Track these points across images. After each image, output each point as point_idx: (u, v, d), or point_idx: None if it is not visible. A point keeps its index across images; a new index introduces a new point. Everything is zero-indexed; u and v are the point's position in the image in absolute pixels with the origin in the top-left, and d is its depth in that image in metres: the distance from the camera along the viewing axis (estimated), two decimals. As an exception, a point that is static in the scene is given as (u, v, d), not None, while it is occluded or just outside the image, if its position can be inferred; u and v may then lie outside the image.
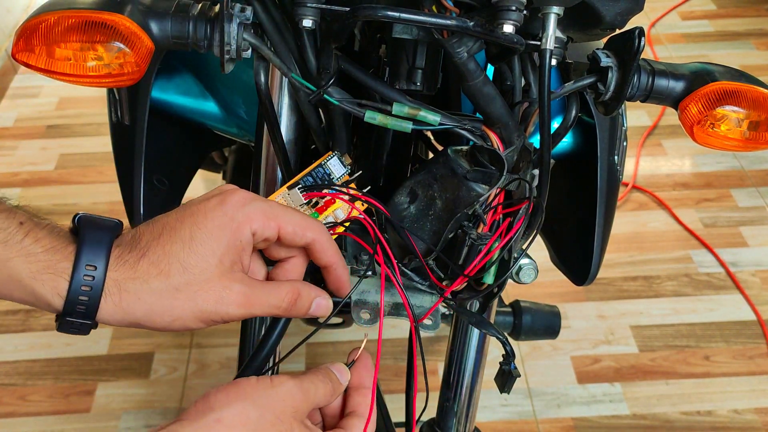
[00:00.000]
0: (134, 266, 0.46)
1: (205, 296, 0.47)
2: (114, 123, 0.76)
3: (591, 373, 1.58)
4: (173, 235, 0.47)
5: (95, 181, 2.09)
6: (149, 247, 0.47)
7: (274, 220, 0.48)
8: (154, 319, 0.47)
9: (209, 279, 0.47)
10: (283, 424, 0.46)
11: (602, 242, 0.73)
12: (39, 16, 0.48)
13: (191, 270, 0.46)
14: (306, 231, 0.49)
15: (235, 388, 0.46)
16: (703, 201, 1.99)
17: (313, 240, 0.50)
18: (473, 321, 0.61)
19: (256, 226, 0.48)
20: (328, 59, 0.53)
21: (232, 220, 0.47)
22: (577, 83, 0.55)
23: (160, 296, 0.46)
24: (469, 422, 0.78)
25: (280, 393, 0.46)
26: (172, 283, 0.46)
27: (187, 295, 0.46)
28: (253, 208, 0.48)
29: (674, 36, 2.67)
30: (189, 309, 0.47)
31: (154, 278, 0.46)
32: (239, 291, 0.48)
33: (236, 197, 0.48)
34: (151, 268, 0.46)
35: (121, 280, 0.46)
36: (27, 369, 1.60)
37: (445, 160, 0.54)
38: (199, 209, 0.48)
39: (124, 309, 0.46)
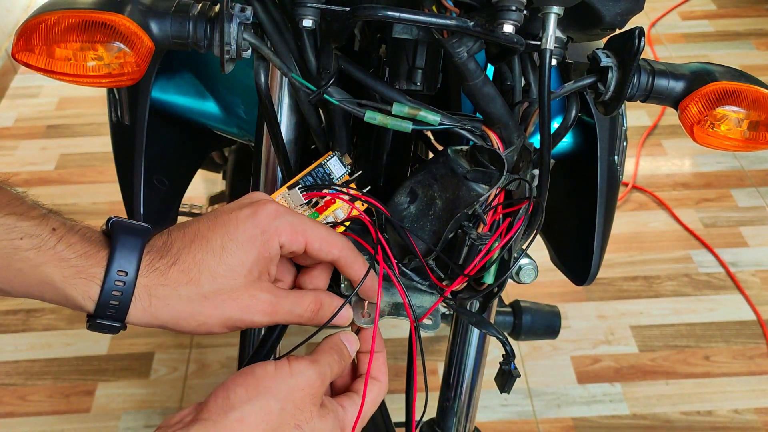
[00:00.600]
0: (165, 273, 0.47)
1: (232, 304, 0.48)
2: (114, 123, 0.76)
3: (591, 373, 1.58)
4: (204, 243, 0.48)
5: (95, 181, 2.09)
6: (180, 254, 0.48)
7: (302, 234, 0.49)
8: (180, 323, 0.48)
9: (237, 288, 0.48)
10: (303, 414, 0.46)
11: (602, 242, 0.73)
12: (39, 16, 0.48)
13: (220, 279, 0.48)
14: (332, 248, 0.51)
15: (254, 381, 0.46)
16: (703, 201, 1.99)
17: (339, 257, 0.51)
18: (473, 321, 0.61)
19: (285, 239, 0.49)
20: (328, 59, 0.53)
21: (263, 232, 0.48)
22: (577, 83, 0.55)
23: (188, 303, 0.47)
24: (469, 422, 0.78)
25: (299, 383, 0.47)
26: (201, 290, 0.47)
27: (215, 303, 0.48)
28: (283, 221, 0.49)
29: (674, 36, 2.67)
30: (216, 316, 0.48)
31: (184, 286, 0.47)
32: (265, 300, 0.49)
33: (268, 209, 0.49)
34: (182, 276, 0.47)
35: (151, 286, 0.46)
36: (27, 369, 1.60)
37: (445, 160, 0.54)
38: (231, 219, 0.49)
39: (153, 313, 0.47)
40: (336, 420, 0.48)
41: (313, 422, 0.47)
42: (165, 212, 0.78)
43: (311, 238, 0.50)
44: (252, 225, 0.49)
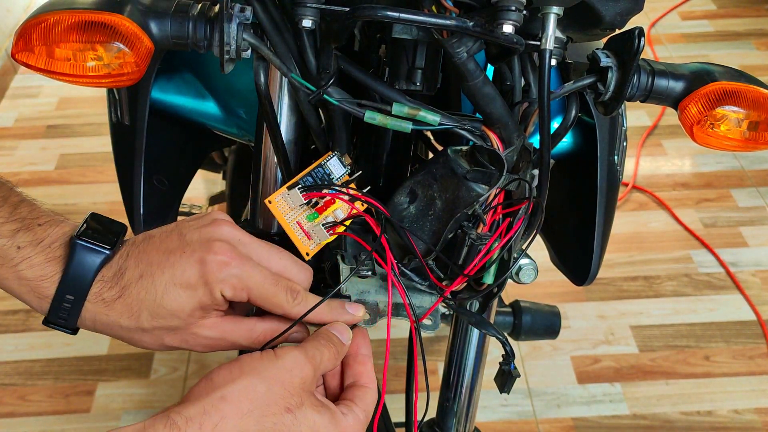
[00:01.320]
0: (110, 305, 0.50)
1: (171, 338, 0.51)
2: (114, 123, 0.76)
3: (591, 373, 1.58)
4: (149, 283, 0.50)
5: (95, 181, 2.09)
6: (126, 289, 0.50)
7: (245, 291, 0.50)
8: (123, 340, 0.52)
9: (176, 327, 0.51)
10: (293, 398, 0.45)
11: (602, 242, 0.73)
12: (39, 16, 0.48)
13: (159, 319, 0.50)
14: (275, 309, 0.51)
15: (238, 364, 0.46)
16: (703, 201, 1.99)
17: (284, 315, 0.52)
18: (473, 321, 0.61)
19: (228, 293, 0.50)
20: (328, 59, 0.53)
21: (206, 284, 0.49)
22: (577, 83, 0.55)
23: (128, 332, 0.51)
24: (469, 422, 0.78)
25: (286, 364, 0.46)
26: (140, 325, 0.50)
27: (153, 336, 0.51)
28: (228, 275, 0.50)
29: (674, 36, 2.67)
30: (156, 345, 0.52)
31: (126, 319, 0.50)
32: (207, 336, 0.52)
33: (217, 259, 0.49)
34: (124, 310, 0.50)
35: (96, 312, 0.50)
36: (27, 369, 1.60)
37: (445, 160, 0.54)
38: (181, 260, 0.50)
39: (98, 328, 0.51)
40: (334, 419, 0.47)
41: (306, 411, 0.45)
42: (165, 212, 0.78)
43: (254, 297, 0.50)
44: (197, 275, 0.49)
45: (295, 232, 0.54)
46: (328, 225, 0.54)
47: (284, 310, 0.51)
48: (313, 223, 0.55)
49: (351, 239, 0.58)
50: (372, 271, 0.59)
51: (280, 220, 0.55)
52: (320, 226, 0.54)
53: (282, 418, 0.44)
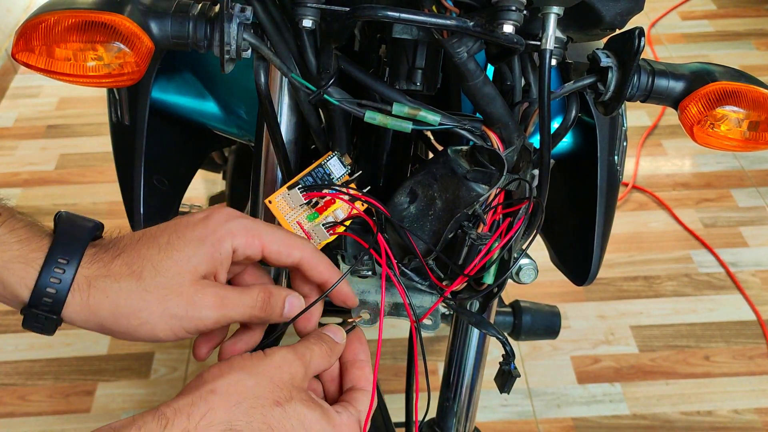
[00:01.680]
0: (107, 265, 0.46)
1: (176, 300, 0.46)
2: (114, 123, 0.76)
3: (591, 373, 1.58)
4: (151, 240, 0.47)
5: (95, 181, 2.09)
6: (125, 249, 0.47)
7: (258, 238, 0.48)
8: (120, 321, 0.45)
9: (181, 284, 0.46)
10: (282, 391, 0.45)
11: (602, 242, 0.73)
12: (39, 16, 0.48)
13: (164, 273, 0.46)
14: (292, 249, 0.49)
15: (228, 362, 0.46)
16: (703, 201, 1.99)
17: (301, 259, 0.49)
18: (473, 321, 0.61)
19: (238, 242, 0.48)
20: (328, 59, 0.53)
21: (213, 232, 0.47)
22: (577, 83, 0.55)
23: (128, 296, 0.45)
24: (469, 422, 0.78)
25: (274, 360, 0.46)
26: (143, 284, 0.45)
27: (157, 298, 0.45)
28: (236, 224, 0.48)
29: (674, 36, 2.67)
30: (158, 313, 0.46)
31: (126, 278, 0.45)
32: (212, 293, 0.47)
33: (221, 213, 0.48)
34: (124, 269, 0.46)
35: (92, 276, 0.45)
36: (27, 369, 1.60)
37: (445, 160, 0.54)
38: (182, 221, 0.48)
39: (91, 307, 0.45)
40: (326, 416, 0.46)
41: (296, 405, 0.45)
42: (165, 212, 0.78)
43: (268, 241, 0.48)
44: (202, 226, 0.47)
45: (295, 231, 0.54)
46: (328, 225, 0.54)
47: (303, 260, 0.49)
48: (314, 223, 0.55)
49: (351, 239, 0.58)
50: (372, 271, 0.59)
51: (281, 220, 0.55)
52: (320, 226, 0.54)
53: (271, 411, 0.43)
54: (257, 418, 0.43)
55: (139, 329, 0.46)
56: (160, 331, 0.46)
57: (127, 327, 0.46)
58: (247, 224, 0.48)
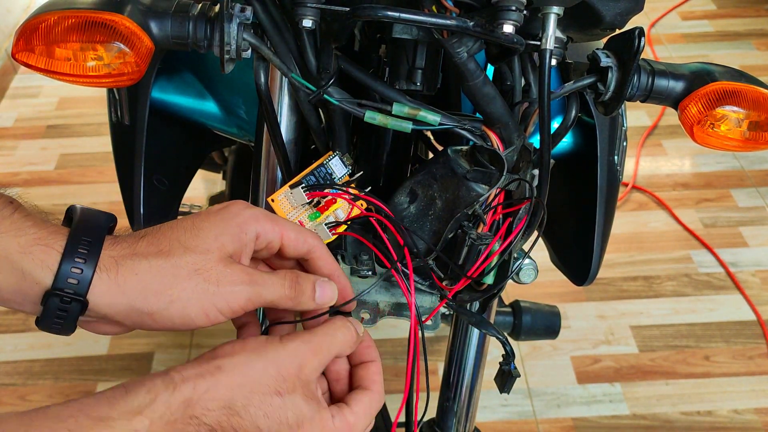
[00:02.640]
0: (132, 245, 0.44)
1: (207, 275, 0.44)
2: (114, 123, 0.76)
3: (591, 373, 1.58)
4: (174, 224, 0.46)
5: (95, 181, 2.09)
6: (148, 232, 0.46)
7: (277, 224, 0.48)
8: (150, 299, 0.44)
9: (210, 260, 0.45)
10: (286, 383, 0.44)
11: (602, 242, 0.73)
12: (39, 16, 0.48)
13: (192, 250, 0.45)
14: (307, 236, 0.49)
15: (242, 342, 0.45)
16: (703, 201, 1.99)
17: (314, 247, 0.50)
18: (473, 321, 0.61)
19: (261, 228, 0.48)
20: (328, 59, 0.53)
21: (236, 215, 0.47)
22: (577, 83, 0.55)
23: (159, 271, 0.44)
24: (469, 422, 0.78)
25: (287, 349, 0.45)
26: (171, 260, 0.44)
27: (188, 273, 0.44)
28: (257, 211, 0.48)
29: (674, 36, 2.67)
30: (189, 289, 0.44)
31: (154, 256, 0.44)
32: (241, 269, 0.46)
33: (240, 203, 0.49)
34: (151, 248, 0.44)
35: (118, 256, 0.44)
36: (27, 369, 1.60)
37: (445, 160, 0.54)
38: (202, 212, 0.48)
39: (120, 285, 0.43)
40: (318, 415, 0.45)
41: (296, 398, 0.44)
42: (165, 212, 0.78)
43: (286, 229, 0.49)
44: (225, 211, 0.48)
45: (295, 231, 0.54)
46: (330, 225, 0.54)
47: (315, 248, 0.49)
48: (315, 222, 0.55)
49: (351, 239, 0.58)
50: (372, 271, 0.59)
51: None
52: (322, 225, 0.54)
53: (270, 399, 0.43)
54: (255, 403, 0.43)
55: (171, 307, 0.44)
56: (192, 309, 0.44)
57: (158, 306, 0.44)
58: (267, 213, 0.49)
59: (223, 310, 0.45)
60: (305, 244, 0.49)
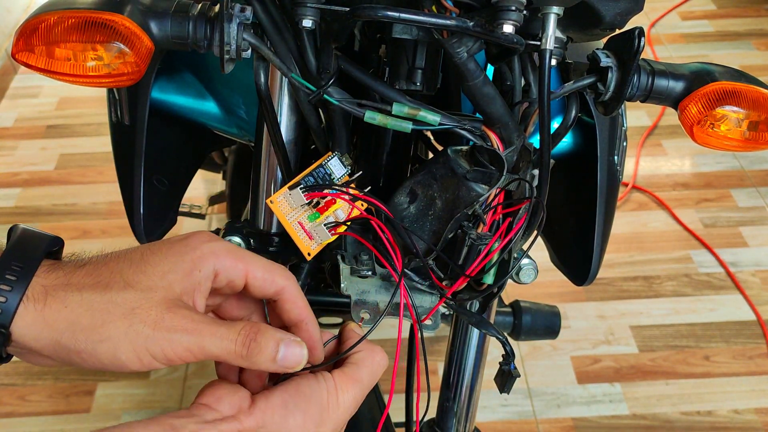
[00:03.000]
0: (69, 274, 0.41)
1: (145, 316, 0.40)
2: (114, 123, 0.76)
3: (591, 373, 1.58)
4: (122, 255, 0.43)
5: (95, 181, 2.09)
6: (91, 261, 0.42)
7: (242, 261, 0.44)
8: (78, 336, 0.39)
9: (152, 299, 0.41)
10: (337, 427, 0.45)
11: (602, 242, 0.73)
12: (39, 16, 0.48)
13: (135, 286, 0.41)
14: (276, 276, 0.45)
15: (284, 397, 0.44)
16: (703, 201, 1.99)
17: (283, 288, 0.46)
18: (473, 321, 0.61)
19: (221, 264, 0.43)
20: (328, 59, 0.53)
21: (194, 249, 0.43)
22: (577, 83, 0.55)
23: (90, 307, 0.40)
24: (469, 422, 0.78)
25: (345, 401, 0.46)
26: (108, 296, 0.40)
27: (124, 311, 0.40)
28: (220, 245, 0.44)
29: (674, 36, 2.67)
30: (122, 329, 0.40)
31: (89, 288, 0.40)
32: (185, 315, 0.41)
33: (203, 234, 0.45)
34: (88, 278, 0.41)
35: (50, 286, 0.40)
36: (27, 369, 1.60)
37: (445, 160, 0.54)
38: (160, 242, 0.44)
39: (46, 318, 0.39)
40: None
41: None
42: (165, 212, 0.78)
43: (252, 266, 0.44)
44: (182, 244, 0.43)
45: (296, 231, 0.54)
46: (329, 225, 0.54)
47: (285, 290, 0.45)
48: (315, 223, 0.55)
49: (351, 239, 0.58)
50: (372, 271, 0.59)
51: (282, 220, 0.55)
52: (322, 225, 0.54)
53: None
54: None
55: (100, 347, 0.40)
56: (123, 352, 0.40)
57: (86, 344, 0.40)
58: (230, 247, 0.45)
59: (157, 357, 0.41)
60: (273, 285, 0.45)
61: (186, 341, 0.41)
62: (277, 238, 0.66)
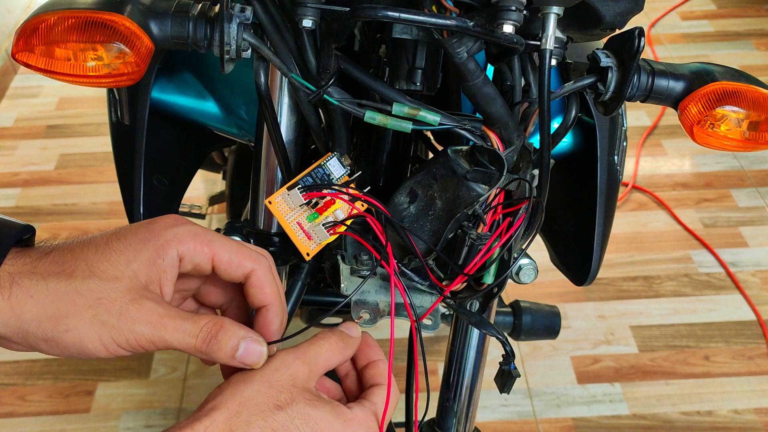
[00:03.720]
0: (35, 262, 0.42)
1: (109, 306, 0.41)
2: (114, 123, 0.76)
3: (591, 373, 1.58)
4: (88, 242, 0.43)
5: (95, 181, 2.09)
6: (57, 248, 0.43)
7: (207, 245, 0.44)
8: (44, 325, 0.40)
9: (116, 289, 0.41)
10: (282, 394, 0.43)
11: (602, 242, 0.73)
12: (39, 16, 0.48)
13: (98, 275, 0.41)
14: (244, 260, 0.45)
15: (227, 381, 0.45)
16: (703, 201, 1.99)
17: (252, 272, 0.46)
18: (473, 321, 0.61)
19: (185, 248, 0.44)
20: (328, 59, 0.53)
21: (157, 236, 0.43)
22: (577, 83, 0.55)
23: (56, 297, 0.40)
24: (469, 422, 0.78)
25: (272, 365, 0.45)
26: (73, 285, 0.41)
27: (88, 302, 0.41)
28: (183, 229, 0.44)
29: (674, 36, 2.67)
30: (88, 318, 0.41)
31: (54, 277, 0.41)
32: (149, 308, 0.42)
33: (168, 218, 0.45)
34: (53, 266, 0.41)
35: (16, 273, 0.41)
36: (27, 369, 1.60)
37: (445, 160, 0.54)
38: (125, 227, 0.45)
39: (13, 307, 0.40)
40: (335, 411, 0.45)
41: (298, 406, 0.43)
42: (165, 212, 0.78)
43: (218, 249, 0.44)
44: (146, 230, 0.43)
45: (295, 232, 0.54)
46: (328, 225, 0.54)
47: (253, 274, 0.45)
48: (314, 224, 0.55)
49: (351, 239, 0.58)
50: (372, 271, 0.59)
51: (281, 221, 0.55)
52: (321, 226, 0.54)
53: (273, 416, 0.43)
54: (259, 424, 0.42)
55: (65, 337, 0.41)
56: (89, 341, 0.41)
57: (52, 333, 0.41)
58: (196, 230, 0.45)
59: (121, 345, 0.42)
60: (240, 268, 0.45)
61: (149, 334, 0.42)
62: (277, 238, 0.66)
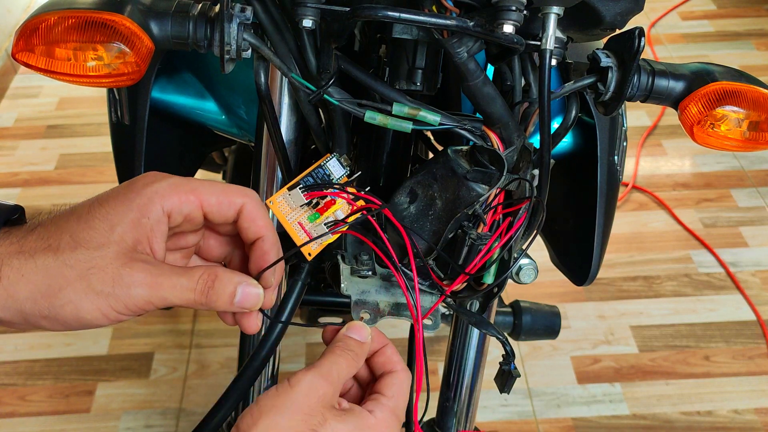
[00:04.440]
0: (21, 240, 0.41)
1: (101, 275, 0.40)
2: (114, 123, 0.76)
3: (591, 373, 1.58)
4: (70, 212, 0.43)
5: (95, 181, 2.09)
6: (42, 222, 0.42)
7: (192, 193, 0.44)
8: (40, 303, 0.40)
9: (105, 256, 0.41)
10: (314, 418, 0.44)
11: (602, 242, 0.73)
12: (39, 16, 0.48)
13: (84, 245, 0.41)
14: (233, 197, 0.45)
15: (257, 406, 0.44)
16: (703, 201, 1.99)
17: (243, 206, 0.45)
18: (473, 321, 0.61)
19: (170, 203, 0.43)
20: (328, 59, 0.53)
21: (138, 195, 0.42)
22: (577, 83, 0.55)
23: (46, 274, 0.40)
24: (469, 422, 0.78)
25: (302, 389, 0.44)
26: (61, 258, 0.40)
27: (79, 273, 0.40)
28: (164, 183, 0.43)
29: (674, 36, 2.67)
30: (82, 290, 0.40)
31: (41, 253, 0.40)
32: (142, 268, 0.41)
33: (147, 176, 0.44)
34: (39, 243, 0.41)
35: (5, 254, 0.40)
36: (27, 369, 1.60)
37: (445, 160, 0.54)
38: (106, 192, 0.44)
39: (6, 288, 0.40)
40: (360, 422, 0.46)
41: (330, 424, 0.44)
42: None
43: (205, 194, 0.44)
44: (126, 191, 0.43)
45: (296, 232, 0.54)
46: (329, 225, 0.54)
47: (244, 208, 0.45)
48: (315, 224, 0.55)
49: (351, 239, 0.58)
50: (372, 271, 0.59)
51: (282, 221, 0.55)
52: (322, 226, 0.54)
53: None
54: None
55: (63, 311, 0.40)
56: (87, 312, 0.41)
57: (49, 310, 0.40)
58: (177, 181, 0.44)
59: (121, 311, 0.42)
60: (231, 206, 0.45)
61: (147, 295, 0.42)
62: (277, 238, 0.66)
